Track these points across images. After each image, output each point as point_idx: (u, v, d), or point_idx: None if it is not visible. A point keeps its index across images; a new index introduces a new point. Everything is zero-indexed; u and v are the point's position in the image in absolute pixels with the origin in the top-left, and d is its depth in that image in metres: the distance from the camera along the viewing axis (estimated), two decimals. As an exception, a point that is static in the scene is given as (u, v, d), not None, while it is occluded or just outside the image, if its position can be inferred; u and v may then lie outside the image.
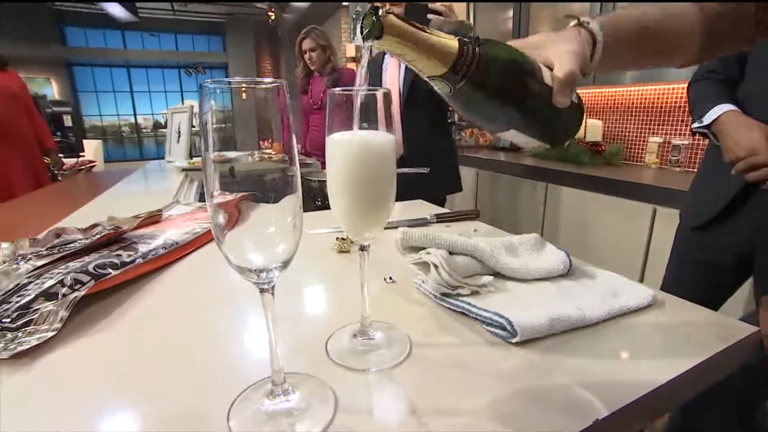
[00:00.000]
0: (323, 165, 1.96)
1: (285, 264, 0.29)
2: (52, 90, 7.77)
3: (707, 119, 0.90)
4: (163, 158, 2.26)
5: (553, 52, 0.36)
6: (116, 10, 5.73)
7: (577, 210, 1.86)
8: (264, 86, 0.27)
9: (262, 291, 0.30)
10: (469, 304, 0.47)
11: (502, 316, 0.43)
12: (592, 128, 2.26)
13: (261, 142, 0.30)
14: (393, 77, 1.60)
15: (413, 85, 1.52)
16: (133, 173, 1.87)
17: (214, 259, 0.70)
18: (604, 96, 2.28)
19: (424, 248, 0.53)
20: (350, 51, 4.77)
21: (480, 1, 2.82)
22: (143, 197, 1.42)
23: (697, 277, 0.99)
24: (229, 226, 0.29)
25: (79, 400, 0.34)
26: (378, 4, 0.36)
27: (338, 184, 0.36)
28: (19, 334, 0.42)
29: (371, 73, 1.73)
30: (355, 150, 0.35)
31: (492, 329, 0.44)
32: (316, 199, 1.15)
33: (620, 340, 0.43)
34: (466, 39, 0.34)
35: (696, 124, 0.95)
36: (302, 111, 2.40)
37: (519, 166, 2.22)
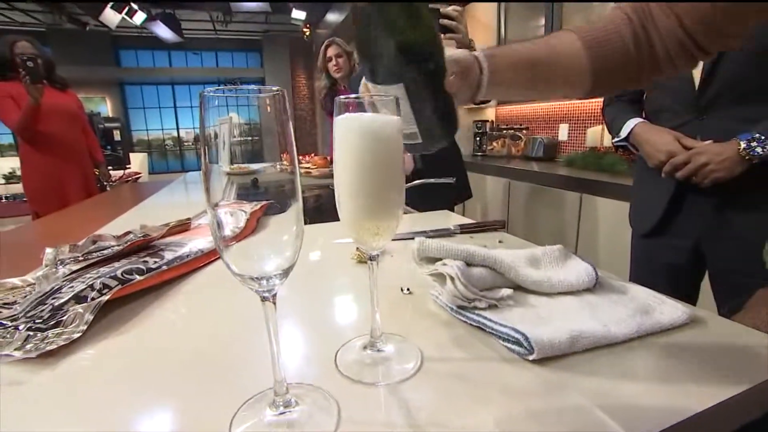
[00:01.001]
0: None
1: (286, 272, 0.29)
2: (107, 107, 8.39)
3: (623, 133, 1.01)
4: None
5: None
6: (164, 32, 6.15)
7: (615, 221, 1.76)
8: (267, 94, 0.27)
9: (263, 300, 0.30)
10: (485, 317, 0.45)
11: (518, 331, 0.41)
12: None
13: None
14: None
15: None
16: (171, 183, 1.97)
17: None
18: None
19: (441, 259, 0.51)
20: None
21: (511, 1, 2.77)
22: (179, 207, 1.48)
23: (660, 280, 1.01)
24: (243, 236, 0.29)
25: (95, 402, 0.36)
26: None
27: (346, 172, 0.35)
28: (49, 334, 0.44)
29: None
30: (361, 128, 0.34)
31: (508, 345, 0.42)
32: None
33: (650, 361, 0.40)
34: None
35: (616, 139, 1.06)
36: (330, 128, 2.44)
37: (553, 176, 2.14)
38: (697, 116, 0.88)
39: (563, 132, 2.83)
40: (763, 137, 0.78)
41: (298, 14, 7.04)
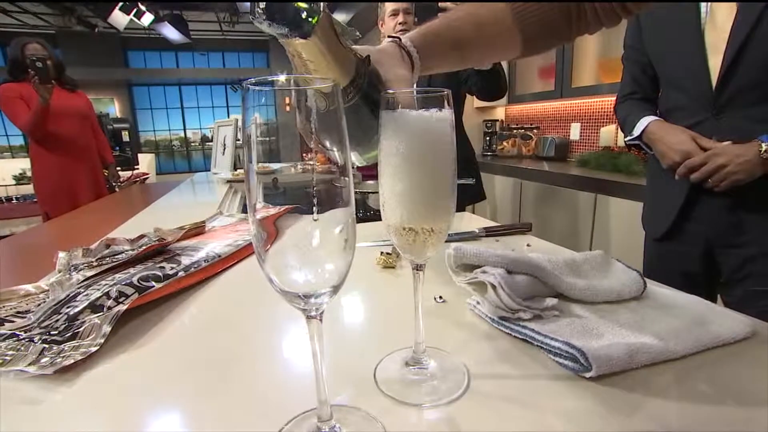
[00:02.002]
0: (364, 177, 1.94)
1: (336, 288, 0.26)
2: (115, 108, 8.44)
3: (637, 131, 0.98)
4: (209, 170, 2.35)
5: (393, 75, 0.39)
6: (171, 34, 6.17)
7: (630, 222, 1.72)
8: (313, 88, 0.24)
9: (309, 318, 0.26)
10: (532, 330, 0.42)
11: (573, 346, 0.37)
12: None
13: (303, 154, 0.27)
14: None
15: (428, 83, 1.49)
16: (180, 185, 1.95)
17: (255, 272, 0.69)
18: (661, 100, 2.12)
19: (478, 266, 0.48)
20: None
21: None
22: (189, 208, 1.46)
23: (674, 286, 0.96)
24: (266, 243, 0.26)
25: (120, 420, 0.33)
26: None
27: (398, 175, 0.31)
28: (65, 348, 0.41)
29: None
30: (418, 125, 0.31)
31: (560, 360, 0.39)
32: (357, 210, 1.14)
33: (717, 379, 0.36)
34: (359, 56, 0.32)
35: (628, 138, 1.02)
36: None
37: (565, 176, 2.10)
38: (714, 115, 0.85)
39: (575, 131, 2.78)
40: None
41: (305, 14, 7.04)
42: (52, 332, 0.43)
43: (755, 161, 0.77)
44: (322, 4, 0.27)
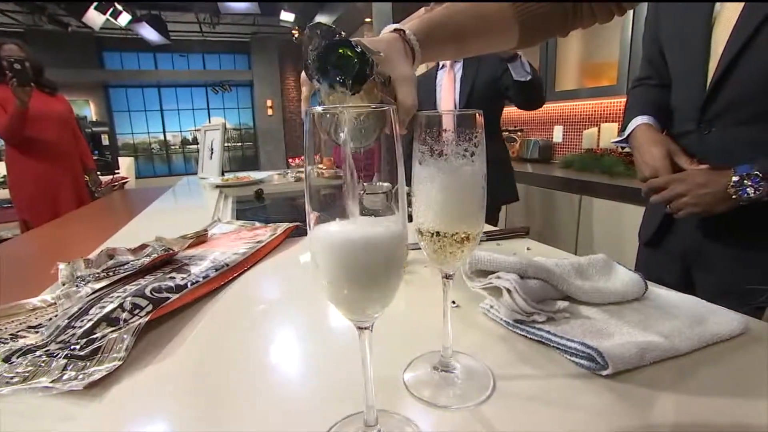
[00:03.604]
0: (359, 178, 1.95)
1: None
2: (91, 111, 8.18)
3: (625, 133, 0.91)
4: (192, 174, 2.31)
5: (397, 75, 0.39)
6: (150, 34, 6.03)
7: (613, 222, 1.78)
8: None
9: (361, 329, 0.28)
10: (548, 332, 0.44)
11: (589, 347, 0.40)
12: (628, 137, 2.19)
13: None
14: (448, 91, 1.60)
15: (469, 98, 1.53)
16: (168, 190, 1.91)
17: (266, 279, 0.69)
18: (640, 104, 2.21)
19: (492, 272, 0.50)
20: (373, 66, 4.81)
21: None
22: (182, 214, 1.44)
23: None
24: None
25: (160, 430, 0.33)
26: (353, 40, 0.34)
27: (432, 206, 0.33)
28: (88, 363, 0.41)
29: (424, 89, 1.73)
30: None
31: (577, 360, 0.41)
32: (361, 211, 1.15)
33: (719, 373, 0.39)
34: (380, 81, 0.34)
35: (616, 138, 0.94)
36: None
37: (550, 178, 2.16)
38: (700, 128, 0.78)
39: (558, 134, 2.86)
40: (759, 176, 0.67)
41: (287, 16, 6.99)
42: (73, 347, 0.43)
43: (718, 195, 0.69)
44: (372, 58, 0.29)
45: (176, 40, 7.17)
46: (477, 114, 0.32)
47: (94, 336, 0.45)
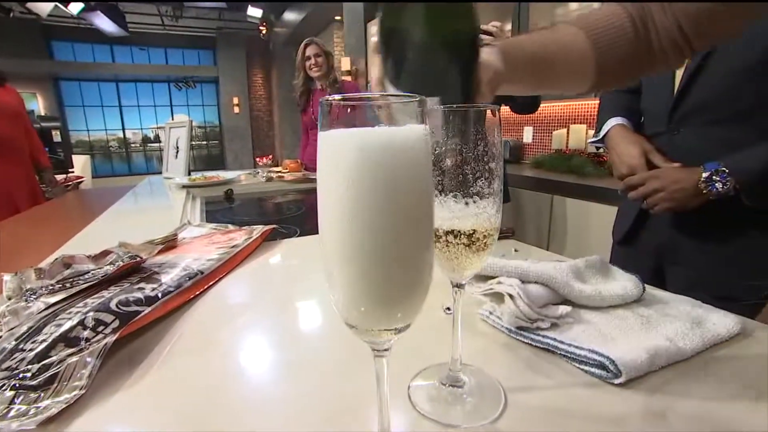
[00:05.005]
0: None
1: (408, 326, 0.24)
2: (38, 105, 7.61)
3: (601, 133, 0.95)
4: (155, 173, 2.18)
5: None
6: (105, 25, 5.67)
7: (584, 221, 1.83)
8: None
9: (377, 355, 0.24)
10: (554, 339, 0.42)
11: (601, 354, 0.38)
12: (596, 139, 2.26)
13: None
14: None
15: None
16: (130, 191, 1.79)
17: (245, 286, 0.64)
18: (607, 107, 2.29)
19: (492, 276, 0.48)
20: (345, 65, 4.76)
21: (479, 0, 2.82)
22: (147, 217, 1.34)
23: None
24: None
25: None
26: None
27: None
28: (42, 394, 0.35)
29: None
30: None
31: (587, 368, 0.39)
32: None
33: (728, 375, 0.39)
34: None
35: (593, 138, 0.99)
36: (302, 127, 2.35)
37: (520, 178, 2.19)
38: (671, 130, 0.82)
39: (528, 135, 2.93)
40: (726, 172, 0.71)
41: (254, 12, 6.79)
42: (22, 375, 0.37)
43: (691, 191, 0.74)
44: None
45: (135, 33, 6.80)
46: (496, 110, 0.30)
47: (50, 360, 0.39)
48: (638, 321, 0.47)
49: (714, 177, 0.71)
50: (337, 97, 0.20)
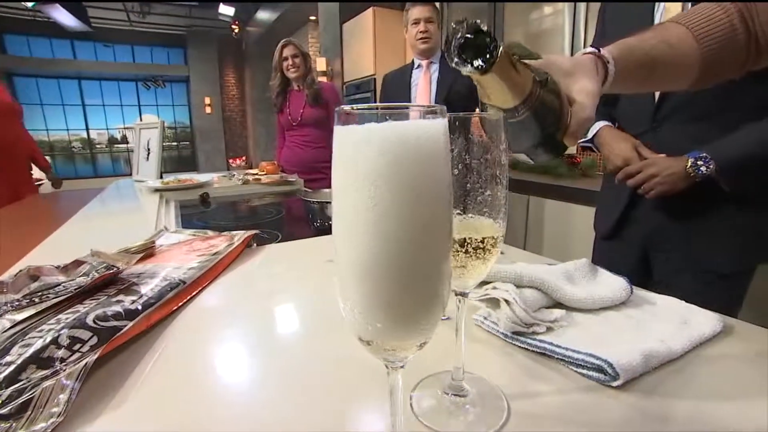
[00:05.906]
0: (306, 183, 1.86)
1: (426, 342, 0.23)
2: (-10, 103, 7.14)
3: (590, 134, 1.06)
4: (122, 175, 2.09)
5: (578, 87, 0.40)
6: (65, 19, 5.37)
7: (558, 222, 1.88)
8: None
9: (391, 369, 0.23)
10: (551, 344, 0.42)
11: (598, 358, 0.39)
12: (569, 142, 2.33)
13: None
14: (423, 93, 1.57)
15: (445, 101, 1.52)
16: (98, 195, 1.70)
17: (230, 294, 0.62)
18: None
19: (486, 282, 0.48)
20: (321, 65, 4.71)
21: (453, 1, 2.85)
22: (119, 223, 1.27)
23: None
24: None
25: None
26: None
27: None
28: (14, 424, 0.32)
29: (398, 82, 1.66)
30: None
31: (584, 372, 0.40)
32: (315, 221, 1.08)
33: (718, 373, 0.40)
34: (536, 78, 0.35)
35: (582, 139, 1.07)
36: (278, 128, 2.30)
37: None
38: (653, 128, 0.93)
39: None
40: (708, 157, 0.83)
41: (227, 9, 6.63)
42: (-9, 403, 0.34)
43: (680, 174, 0.85)
44: (500, 44, 0.31)
45: (99, 28, 6.49)
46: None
47: (21, 385, 0.36)
48: (629, 322, 0.48)
49: (699, 162, 0.83)
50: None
